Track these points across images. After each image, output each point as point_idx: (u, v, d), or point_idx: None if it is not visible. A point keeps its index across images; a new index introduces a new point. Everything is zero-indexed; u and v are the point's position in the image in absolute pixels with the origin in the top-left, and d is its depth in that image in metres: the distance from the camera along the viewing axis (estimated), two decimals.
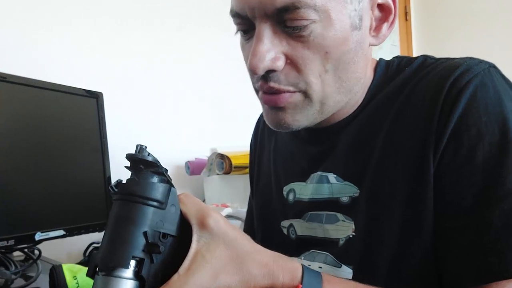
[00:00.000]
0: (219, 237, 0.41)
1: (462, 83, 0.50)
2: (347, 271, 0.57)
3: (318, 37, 0.51)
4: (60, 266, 0.78)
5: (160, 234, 0.40)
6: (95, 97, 1.09)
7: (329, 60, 0.52)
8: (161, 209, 0.41)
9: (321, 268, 0.60)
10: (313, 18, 0.50)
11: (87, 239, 1.17)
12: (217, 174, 1.42)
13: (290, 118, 0.55)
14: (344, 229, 0.58)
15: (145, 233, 0.39)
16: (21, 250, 0.95)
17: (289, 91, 0.53)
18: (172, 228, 0.42)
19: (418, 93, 0.54)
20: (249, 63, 0.52)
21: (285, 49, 0.52)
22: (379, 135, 0.56)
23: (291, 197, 0.67)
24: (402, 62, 0.60)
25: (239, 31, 0.57)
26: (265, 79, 0.53)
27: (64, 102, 1.02)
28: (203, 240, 0.41)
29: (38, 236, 0.90)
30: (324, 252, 0.61)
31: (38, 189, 0.94)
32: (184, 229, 0.42)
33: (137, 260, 0.39)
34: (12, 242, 0.85)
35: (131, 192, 0.40)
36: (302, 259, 0.64)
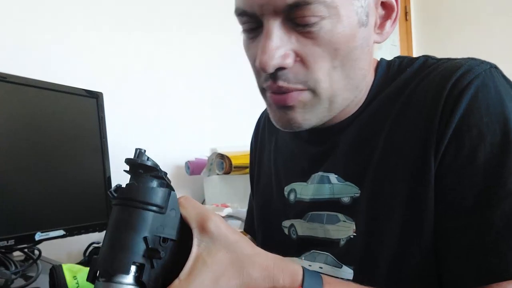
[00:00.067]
0: (220, 241, 0.41)
1: (464, 83, 0.50)
2: (347, 272, 0.57)
3: (328, 33, 0.51)
4: (60, 266, 0.78)
5: (160, 238, 0.40)
6: (95, 97, 1.09)
7: (338, 57, 0.52)
8: (161, 213, 0.40)
9: (321, 269, 0.60)
10: (323, 14, 0.49)
11: (87, 239, 1.17)
12: (217, 174, 1.42)
13: (300, 117, 0.55)
14: (345, 230, 0.58)
15: (145, 238, 0.39)
16: (21, 250, 0.95)
17: (298, 89, 0.53)
18: (172, 233, 0.41)
19: (420, 93, 0.54)
20: (258, 61, 0.51)
21: (294, 46, 0.51)
22: (380, 135, 0.56)
23: (292, 197, 0.67)
24: (403, 62, 0.60)
25: (243, 30, 0.56)
26: (274, 78, 0.53)
27: (64, 102, 1.02)
28: (203, 244, 0.41)
29: (38, 236, 0.90)
30: (325, 253, 0.61)
31: (38, 189, 0.93)
32: (184, 233, 0.42)
33: (138, 265, 0.39)
34: (12, 242, 0.85)
35: (131, 197, 0.40)
36: (303, 259, 0.64)
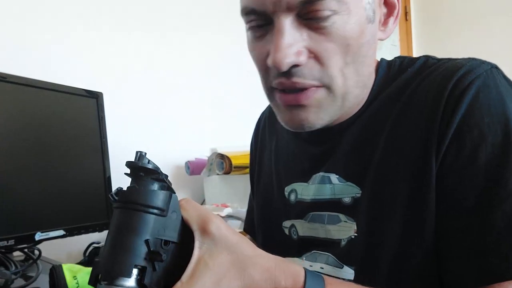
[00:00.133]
0: (221, 242, 0.41)
1: (465, 84, 0.50)
2: (348, 272, 0.57)
3: (340, 28, 0.51)
4: (60, 266, 0.78)
5: (161, 241, 0.40)
6: (95, 97, 1.08)
7: (349, 53, 0.52)
8: (162, 216, 0.40)
9: (322, 269, 0.60)
10: (335, 8, 0.50)
11: (87, 239, 1.17)
12: (217, 174, 1.42)
13: (314, 117, 0.54)
14: (346, 230, 0.58)
15: (146, 241, 0.39)
16: (21, 250, 0.95)
17: (314, 86, 0.52)
18: (174, 235, 0.41)
19: (421, 93, 0.54)
20: (271, 59, 0.50)
21: (306, 43, 0.51)
22: (381, 135, 0.56)
23: (292, 197, 0.67)
24: (404, 62, 0.60)
25: (249, 29, 0.55)
26: (288, 75, 0.52)
27: (64, 102, 1.02)
28: (205, 247, 0.41)
29: (38, 236, 0.90)
30: (326, 253, 0.61)
31: (38, 189, 0.93)
32: (186, 235, 0.42)
33: (139, 268, 0.39)
34: (12, 242, 0.85)
35: (132, 200, 0.40)
36: (304, 259, 0.63)
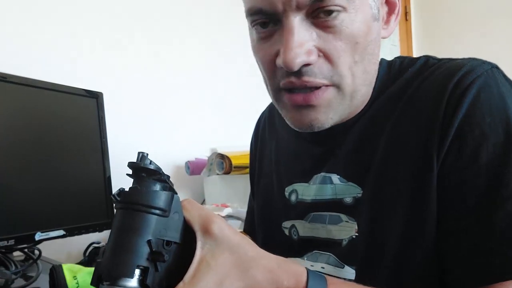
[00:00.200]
0: (223, 243, 0.41)
1: (466, 83, 0.50)
2: (350, 272, 0.57)
3: (349, 26, 0.51)
4: (60, 266, 0.78)
5: (164, 242, 0.40)
6: (95, 97, 1.08)
7: (358, 51, 0.52)
8: (164, 216, 0.40)
9: (323, 269, 0.60)
10: (343, 5, 0.50)
11: (87, 239, 1.16)
12: (217, 174, 1.42)
13: (323, 116, 0.54)
14: (347, 230, 0.58)
15: (149, 241, 0.39)
16: (21, 250, 0.95)
17: (324, 84, 0.52)
18: (176, 236, 0.41)
19: (422, 93, 0.54)
20: (282, 59, 0.50)
21: (316, 42, 0.51)
22: (382, 135, 0.56)
23: (293, 197, 0.67)
24: (404, 62, 0.60)
25: (255, 30, 0.55)
26: (298, 74, 0.52)
27: (64, 102, 1.02)
28: (207, 247, 0.41)
29: (38, 236, 0.90)
30: (327, 253, 0.61)
31: (38, 189, 0.93)
32: (188, 236, 0.42)
33: (142, 269, 0.39)
34: (12, 242, 0.85)
35: (134, 200, 0.40)
36: (305, 259, 0.63)
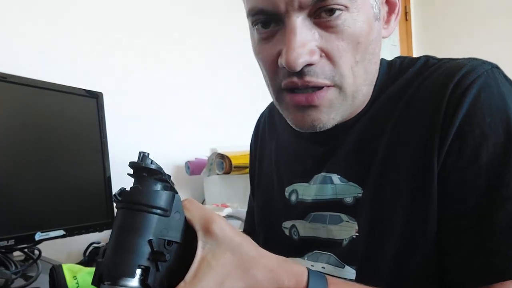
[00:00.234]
0: (224, 243, 0.41)
1: (466, 83, 0.50)
2: (350, 272, 0.57)
3: (351, 26, 0.51)
4: (60, 266, 0.78)
5: (165, 241, 0.40)
6: (95, 97, 1.08)
7: (359, 51, 0.52)
8: (165, 216, 0.40)
9: (324, 269, 0.60)
10: (346, 4, 0.50)
11: (87, 239, 1.16)
12: (217, 174, 1.42)
13: (325, 117, 0.54)
14: (347, 230, 0.58)
15: (150, 241, 0.39)
16: (21, 250, 0.95)
17: (326, 85, 0.52)
18: (177, 235, 0.41)
19: (422, 93, 0.54)
20: (284, 59, 0.50)
21: (318, 42, 0.51)
22: (382, 135, 0.56)
23: (293, 197, 0.67)
24: (404, 62, 0.60)
25: (256, 30, 0.55)
26: (300, 74, 0.52)
27: (64, 102, 1.01)
28: (208, 247, 0.41)
29: (38, 236, 0.90)
30: (327, 253, 0.61)
31: (38, 189, 0.93)
32: (189, 235, 0.42)
33: (143, 268, 0.39)
34: (12, 242, 0.85)
35: (135, 200, 0.40)
36: (306, 259, 0.63)
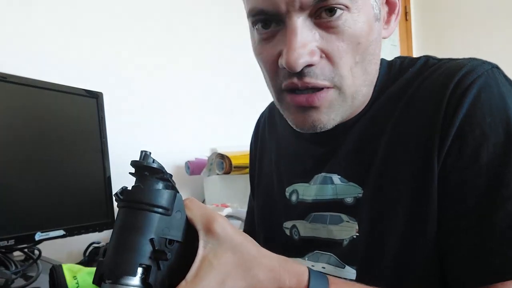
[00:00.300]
0: (226, 242, 0.41)
1: (466, 83, 0.50)
2: (350, 272, 0.57)
3: (351, 27, 0.51)
4: (60, 266, 0.78)
5: (166, 240, 0.40)
6: (95, 97, 1.08)
7: (359, 51, 0.52)
8: (166, 215, 0.40)
9: (324, 269, 0.60)
10: (347, 4, 0.50)
11: (87, 239, 1.16)
12: (217, 174, 1.42)
13: (325, 117, 0.54)
14: (348, 230, 0.58)
15: (151, 240, 0.39)
16: (21, 250, 0.95)
17: (326, 86, 0.52)
18: (178, 234, 0.41)
19: (422, 93, 0.54)
20: (285, 60, 0.50)
21: (318, 43, 0.51)
22: (382, 136, 0.56)
23: (293, 198, 0.67)
24: (404, 62, 0.60)
25: (256, 31, 0.55)
26: (300, 75, 0.52)
27: (64, 102, 1.02)
28: (209, 246, 0.41)
29: (38, 236, 0.90)
30: (328, 253, 0.61)
31: (38, 189, 0.93)
32: (190, 235, 0.42)
33: (144, 267, 0.39)
34: (12, 242, 0.85)
35: (137, 199, 0.40)
36: (306, 260, 0.63)
